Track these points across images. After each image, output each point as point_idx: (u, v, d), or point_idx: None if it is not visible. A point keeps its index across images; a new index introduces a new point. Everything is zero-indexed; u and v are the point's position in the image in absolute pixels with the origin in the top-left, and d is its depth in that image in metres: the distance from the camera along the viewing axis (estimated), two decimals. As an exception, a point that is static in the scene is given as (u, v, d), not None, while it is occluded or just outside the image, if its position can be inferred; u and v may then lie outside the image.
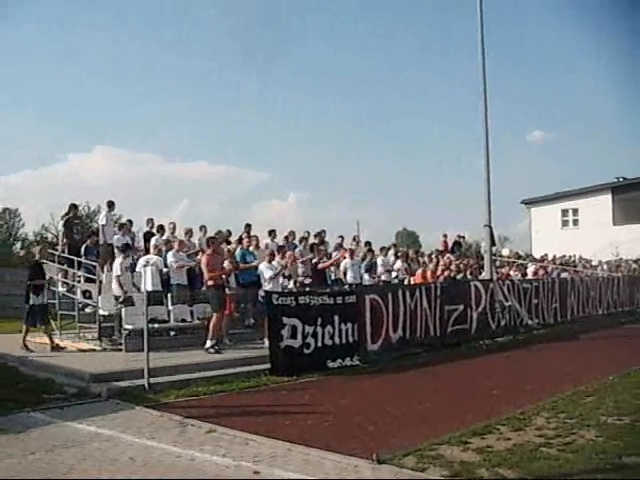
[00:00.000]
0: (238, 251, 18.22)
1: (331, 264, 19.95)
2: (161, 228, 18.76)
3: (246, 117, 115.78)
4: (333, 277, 20.44)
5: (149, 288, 14.52)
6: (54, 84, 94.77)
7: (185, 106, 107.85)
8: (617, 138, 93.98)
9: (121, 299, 15.22)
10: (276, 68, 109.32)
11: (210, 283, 15.21)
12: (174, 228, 19.01)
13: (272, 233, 20.26)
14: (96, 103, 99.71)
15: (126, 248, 16.46)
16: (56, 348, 14.97)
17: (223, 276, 15.63)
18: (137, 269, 16.20)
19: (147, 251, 17.46)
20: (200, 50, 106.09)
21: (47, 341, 15.45)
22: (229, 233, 19.89)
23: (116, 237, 17.92)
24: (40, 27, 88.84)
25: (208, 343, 14.80)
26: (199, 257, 17.09)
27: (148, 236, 18.60)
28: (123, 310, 14.82)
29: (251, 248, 18.62)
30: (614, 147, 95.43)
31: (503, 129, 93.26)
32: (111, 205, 19.41)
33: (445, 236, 28.92)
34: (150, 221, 19.29)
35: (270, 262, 16.78)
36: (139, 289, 14.88)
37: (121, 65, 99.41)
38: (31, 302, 15.18)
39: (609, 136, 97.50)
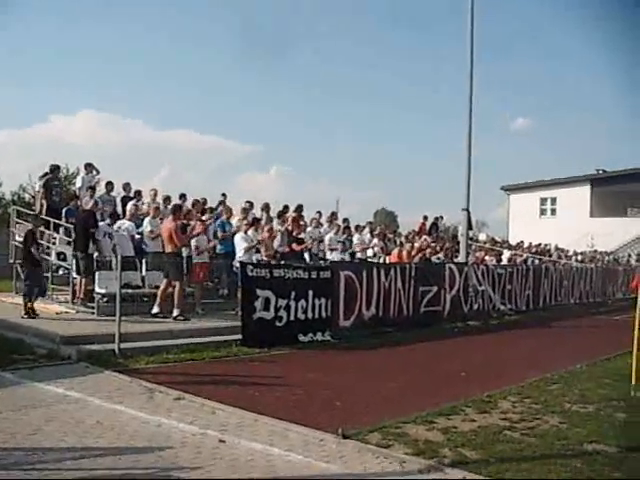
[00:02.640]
0: (217, 221, 18.14)
1: (305, 247, 19.70)
2: (138, 194, 18.58)
3: (235, 91, 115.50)
4: (313, 252, 20.27)
5: (127, 253, 14.73)
6: (43, 44, 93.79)
7: (173, 73, 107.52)
8: (600, 130, 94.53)
9: (100, 264, 15.17)
10: (271, 54, 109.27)
11: (169, 250, 15.07)
12: (155, 195, 18.84)
13: (249, 204, 20.15)
14: (84, 66, 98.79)
15: (113, 215, 16.37)
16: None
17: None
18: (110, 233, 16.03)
19: (123, 216, 17.33)
20: (193, 27, 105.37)
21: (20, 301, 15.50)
22: (204, 201, 19.73)
23: (84, 200, 17.61)
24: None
25: (175, 312, 14.79)
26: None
27: (125, 200, 18.43)
28: (97, 274, 14.76)
29: (231, 219, 18.57)
30: (597, 139, 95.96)
31: (488, 114, 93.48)
32: (88, 167, 19.17)
33: (425, 218, 28.90)
34: (127, 186, 19.06)
35: (246, 233, 16.74)
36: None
37: (110, 35, 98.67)
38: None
39: (593, 128, 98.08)
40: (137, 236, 16.72)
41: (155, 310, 14.89)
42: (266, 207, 20.44)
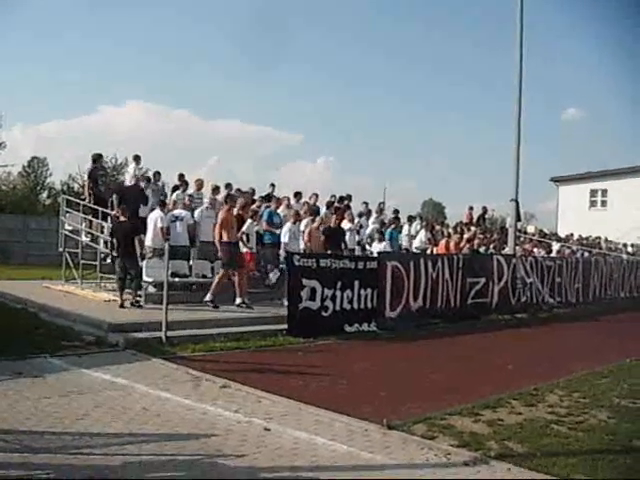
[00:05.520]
0: (265, 211, 18.16)
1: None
2: (185, 183, 18.65)
3: (281, 80, 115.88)
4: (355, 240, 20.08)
5: (183, 242, 15.41)
6: (90, 36, 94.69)
7: (219, 64, 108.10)
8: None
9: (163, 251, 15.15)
10: (309, 36, 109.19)
11: (225, 240, 15.08)
12: (201, 185, 18.93)
13: (298, 195, 20.21)
14: (132, 57, 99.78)
15: (163, 204, 16.38)
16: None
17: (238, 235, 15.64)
18: (165, 223, 16.08)
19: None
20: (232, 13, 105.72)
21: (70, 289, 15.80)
22: (253, 192, 19.74)
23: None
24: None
25: (208, 296, 14.94)
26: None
27: (176, 190, 18.55)
28: (144, 262, 14.84)
29: (279, 210, 18.64)
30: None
31: (538, 105, 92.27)
32: (137, 159, 19.34)
33: (471, 208, 28.69)
34: (182, 176, 19.15)
35: (294, 223, 16.79)
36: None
37: (153, 28, 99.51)
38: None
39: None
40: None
41: (207, 298, 14.99)
42: (315, 197, 20.51)
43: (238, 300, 14.99)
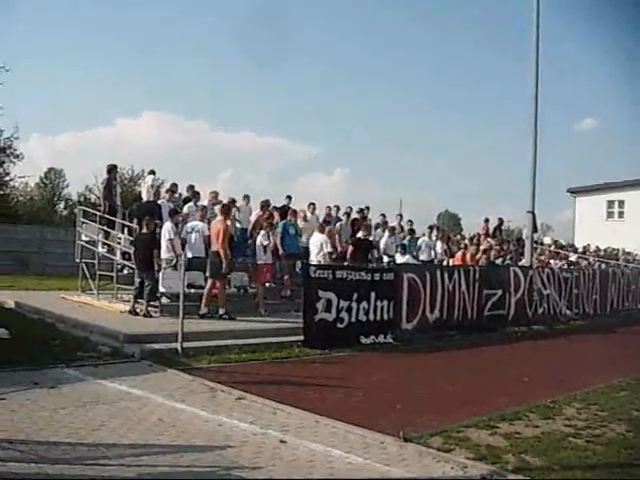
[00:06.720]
0: (280, 223, 18.18)
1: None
2: (196, 194, 18.71)
3: (296, 92, 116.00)
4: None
5: (199, 254, 15.30)
6: (106, 48, 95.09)
7: (234, 75, 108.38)
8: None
9: (173, 262, 15.17)
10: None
11: (215, 249, 15.05)
12: (215, 196, 18.96)
13: (312, 206, 20.26)
14: (147, 69, 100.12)
15: (174, 213, 16.40)
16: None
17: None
18: (182, 235, 16.16)
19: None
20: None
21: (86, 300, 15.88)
22: (268, 203, 19.71)
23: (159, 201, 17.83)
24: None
25: (220, 311, 15.01)
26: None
27: (188, 202, 18.58)
28: (160, 273, 14.89)
29: (299, 221, 18.70)
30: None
31: (554, 115, 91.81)
32: (153, 172, 19.57)
33: (487, 220, 28.64)
34: (191, 188, 19.22)
35: (323, 232, 16.92)
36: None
37: (170, 34, 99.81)
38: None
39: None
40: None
41: (203, 311, 15.01)
42: (336, 208, 20.70)
43: (221, 311, 15.01)
